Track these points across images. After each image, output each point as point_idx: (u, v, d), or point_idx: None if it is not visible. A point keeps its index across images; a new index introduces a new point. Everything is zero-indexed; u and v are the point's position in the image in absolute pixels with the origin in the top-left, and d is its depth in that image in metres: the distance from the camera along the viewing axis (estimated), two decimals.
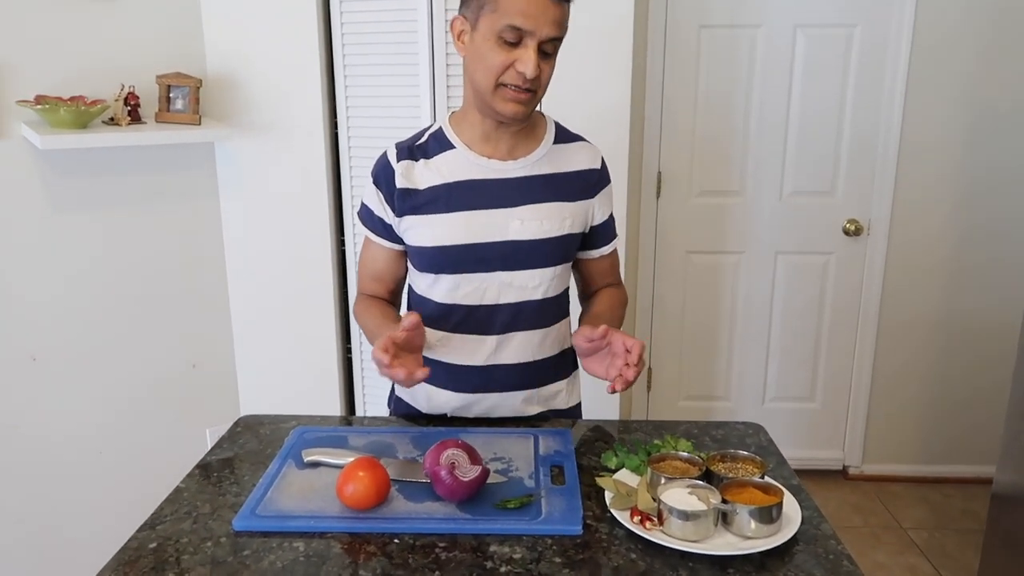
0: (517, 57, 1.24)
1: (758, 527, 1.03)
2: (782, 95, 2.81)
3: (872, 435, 3.07)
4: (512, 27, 1.22)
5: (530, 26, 1.22)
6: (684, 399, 3.13)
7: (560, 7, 1.24)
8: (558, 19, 1.24)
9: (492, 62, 1.25)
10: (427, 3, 2.20)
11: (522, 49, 1.24)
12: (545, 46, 1.25)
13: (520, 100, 1.27)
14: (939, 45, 2.71)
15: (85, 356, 2.29)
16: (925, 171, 2.82)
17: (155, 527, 1.09)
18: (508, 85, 1.26)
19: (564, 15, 1.26)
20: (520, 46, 1.24)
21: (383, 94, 2.34)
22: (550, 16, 1.23)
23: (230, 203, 2.48)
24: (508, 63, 1.24)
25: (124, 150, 2.25)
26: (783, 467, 1.25)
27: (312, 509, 1.11)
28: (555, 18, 1.23)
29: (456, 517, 1.09)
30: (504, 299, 1.38)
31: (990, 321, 2.90)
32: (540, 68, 1.25)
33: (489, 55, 1.25)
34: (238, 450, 1.32)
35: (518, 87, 1.26)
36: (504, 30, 1.23)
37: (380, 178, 1.39)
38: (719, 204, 2.93)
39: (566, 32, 1.28)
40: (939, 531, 2.77)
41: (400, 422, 1.46)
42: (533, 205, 1.36)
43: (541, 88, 1.29)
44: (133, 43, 2.23)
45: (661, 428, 1.39)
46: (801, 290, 2.99)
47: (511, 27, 1.22)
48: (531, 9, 1.21)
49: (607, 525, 1.08)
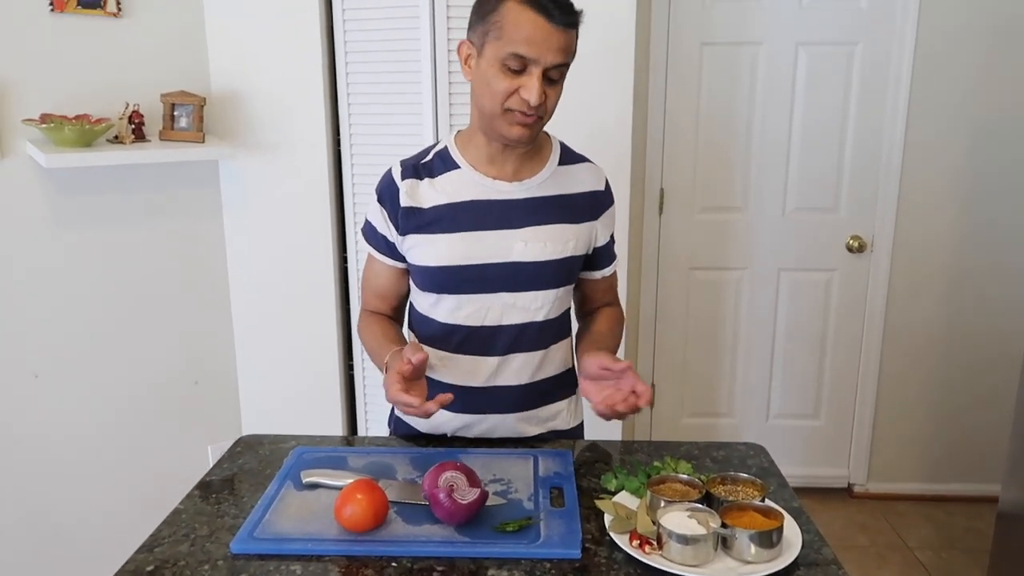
0: (522, 84, 1.24)
1: (758, 551, 1.02)
2: (784, 112, 2.81)
3: (877, 453, 3.05)
4: (516, 55, 1.22)
5: (534, 54, 1.22)
6: (687, 416, 3.11)
7: (564, 34, 1.23)
8: (562, 46, 1.23)
9: (497, 88, 1.25)
10: (430, 22, 2.22)
11: (527, 76, 1.23)
12: (551, 72, 1.24)
13: (525, 125, 1.28)
14: (940, 63, 2.71)
15: (87, 373, 2.29)
16: (928, 188, 2.82)
17: (153, 550, 1.09)
18: (513, 111, 1.26)
19: (569, 42, 1.25)
20: (525, 73, 1.23)
21: (386, 112, 2.35)
22: (554, 44, 1.22)
23: (233, 220, 2.49)
24: (512, 90, 1.24)
25: (128, 168, 2.27)
26: (784, 489, 1.24)
27: (310, 532, 1.10)
28: (559, 45, 1.23)
29: (454, 540, 1.08)
30: (507, 320, 1.38)
31: (994, 339, 2.89)
32: (545, 94, 1.25)
33: (494, 81, 1.25)
34: (237, 470, 1.32)
35: (523, 113, 1.26)
36: (508, 58, 1.22)
37: (384, 196, 1.39)
38: (722, 220, 2.93)
39: (573, 57, 1.28)
40: (945, 551, 2.75)
41: (399, 442, 1.45)
42: (537, 227, 1.36)
43: (547, 113, 1.29)
44: (138, 62, 2.25)
45: (662, 449, 1.38)
46: (804, 307, 2.98)
47: (515, 55, 1.22)
48: (535, 37, 1.21)
49: (606, 548, 1.08)
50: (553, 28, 1.21)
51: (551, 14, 1.21)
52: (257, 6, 2.34)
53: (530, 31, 1.21)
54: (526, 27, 1.21)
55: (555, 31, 1.21)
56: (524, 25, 1.21)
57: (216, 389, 2.57)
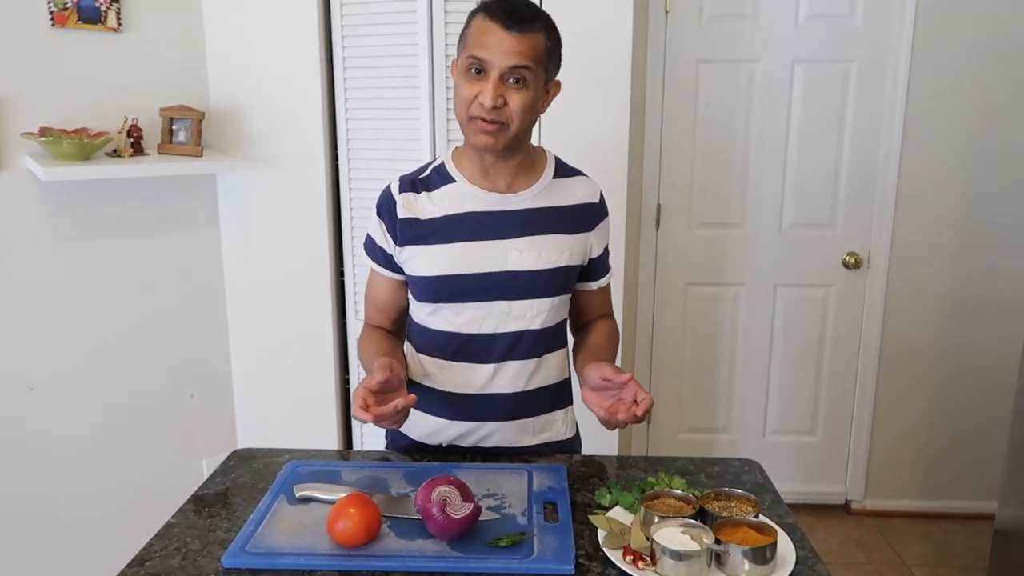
0: (481, 88, 1.28)
1: (752, 568, 1.02)
2: (780, 129, 2.83)
3: (874, 469, 3.04)
4: (473, 57, 1.28)
5: (488, 56, 1.27)
6: (684, 432, 3.11)
7: (520, 38, 1.27)
8: (517, 49, 1.27)
9: (461, 94, 1.31)
10: (427, 38, 2.23)
11: (486, 81, 1.28)
12: (511, 76, 1.28)
13: (487, 131, 1.30)
14: (935, 81, 2.73)
15: (83, 386, 2.29)
16: (924, 204, 2.83)
17: (143, 564, 1.08)
18: (476, 118, 1.30)
19: (527, 46, 1.28)
20: (486, 79, 1.28)
21: (384, 127, 2.36)
22: (506, 47, 1.26)
23: (231, 234, 2.49)
24: (474, 95, 1.29)
25: (126, 182, 2.27)
26: (779, 506, 1.24)
27: (302, 546, 1.10)
28: (513, 48, 1.26)
29: (447, 555, 1.08)
30: (503, 328, 1.39)
31: (991, 354, 2.89)
32: (505, 99, 1.28)
33: (460, 88, 1.31)
34: (230, 484, 1.31)
35: (483, 119, 1.29)
36: (468, 60, 1.29)
37: (383, 209, 1.42)
38: (719, 236, 2.94)
39: (540, 63, 1.30)
40: (943, 568, 2.74)
41: (393, 456, 1.45)
42: (532, 237, 1.38)
43: (513, 120, 1.30)
44: (137, 76, 2.26)
45: (657, 464, 1.38)
46: (801, 323, 2.98)
47: (472, 57, 1.28)
48: (489, 41, 1.27)
49: (599, 564, 1.07)
50: (506, 33, 1.26)
51: (502, 19, 1.26)
52: (257, 22, 2.36)
53: (486, 36, 1.27)
54: (483, 33, 1.28)
55: (507, 35, 1.26)
56: (482, 31, 1.28)
57: (211, 403, 2.56)
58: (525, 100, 1.30)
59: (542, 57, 1.30)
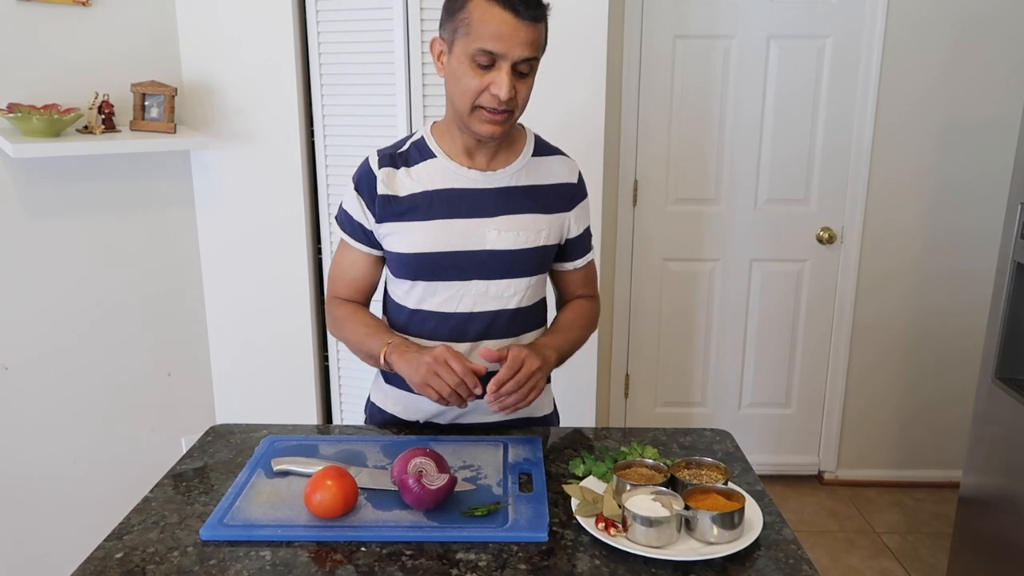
0: (492, 80, 1.25)
1: (720, 532, 1.05)
2: (756, 105, 2.84)
3: (846, 440, 3.11)
4: (484, 51, 1.23)
5: (502, 49, 1.22)
6: (661, 406, 3.15)
7: (531, 28, 1.23)
8: (530, 40, 1.24)
9: (467, 86, 1.26)
10: (403, 13, 2.22)
11: (496, 72, 1.24)
12: (520, 66, 1.25)
13: (496, 121, 1.29)
14: (909, 57, 2.76)
15: (58, 365, 2.28)
16: (896, 180, 2.87)
17: (122, 537, 1.09)
18: (484, 108, 1.27)
19: (537, 35, 1.25)
20: (494, 69, 1.24)
21: (359, 103, 2.35)
22: (521, 38, 1.22)
23: (206, 211, 2.47)
24: (483, 86, 1.25)
25: (99, 158, 2.25)
26: (748, 473, 1.27)
27: (280, 518, 1.11)
28: (527, 39, 1.23)
29: (423, 525, 1.10)
30: (479, 307, 1.40)
31: (960, 327, 2.95)
32: (516, 89, 1.26)
33: (464, 79, 1.26)
34: (208, 459, 1.32)
35: (494, 109, 1.27)
36: (477, 54, 1.23)
37: (361, 184, 1.40)
38: (695, 212, 2.96)
39: (543, 51, 1.29)
40: (911, 535, 2.81)
41: (371, 430, 1.46)
42: (510, 216, 1.38)
43: (518, 108, 1.30)
44: (108, 51, 2.23)
45: (630, 435, 1.41)
46: (776, 297, 3.02)
47: (483, 51, 1.23)
48: (502, 32, 1.21)
49: (573, 532, 1.10)
50: (519, 23, 1.22)
51: (517, 9, 1.21)
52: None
53: (497, 26, 1.21)
54: (493, 23, 1.21)
55: (522, 25, 1.22)
56: (491, 21, 1.21)
57: (189, 380, 2.56)
58: (530, 87, 1.30)
59: (544, 44, 1.29)
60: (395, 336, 1.37)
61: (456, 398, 1.24)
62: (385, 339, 1.35)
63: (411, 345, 1.33)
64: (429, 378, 1.24)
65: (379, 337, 1.36)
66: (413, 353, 1.29)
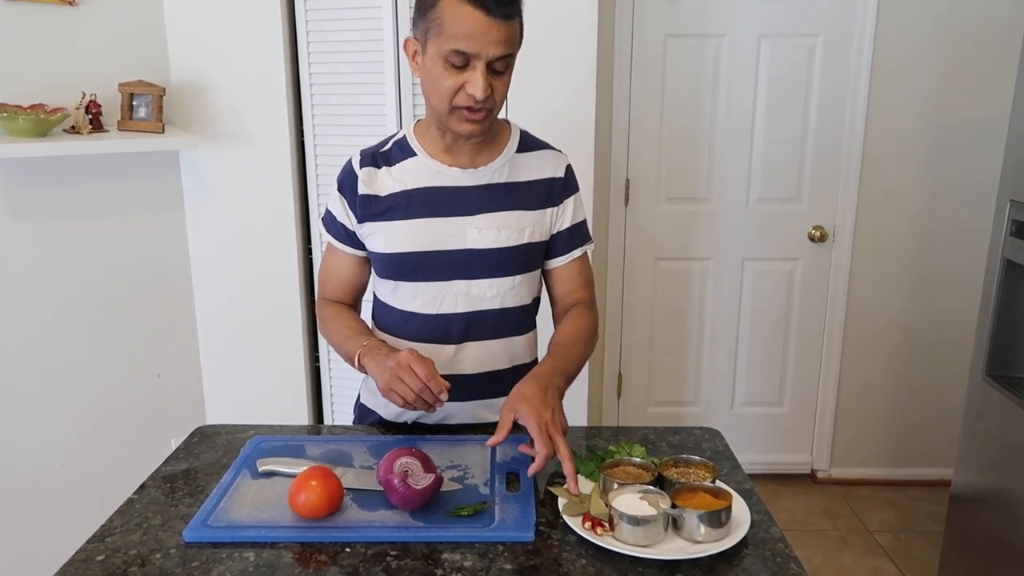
0: (467, 80, 1.23)
1: (707, 531, 1.04)
2: (747, 103, 2.84)
3: (839, 439, 3.11)
4: (457, 51, 1.21)
5: (475, 49, 1.21)
6: (654, 405, 3.14)
7: (505, 25, 1.21)
8: (504, 37, 1.22)
9: (443, 86, 1.24)
10: (392, 12, 2.21)
11: (470, 71, 1.23)
12: (495, 64, 1.23)
13: (475, 120, 1.27)
14: (900, 54, 2.76)
15: (47, 366, 2.26)
16: (888, 178, 2.87)
17: (104, 539, 1.08)
18: (461, 108, 1.26)
19: (511, 32, 1.24)
20: (468, 68, 1.23)
21: (349, 103, 2.34)
22: (494, 36, 1.21)
23: (195, 212, 2.46)
24: (458, 86, 1.24)
25: (86, 159, 2.23)
26: (736, 472, 1.27)
27: (264, 519, 1.10)
28: (500, 37, 1.21)
29: (409, 525, 1.09)
30: (461, 308, 1.38)
31: (951, 325, 2.95)
32: (492, 87, 1.24)
33: (439, 79, 1.24)
34: (194, 461, 1.31)
35: (471, 108, 1.25)
36: (450, 54, 1.22)
37: (344, 184, 1.40)
38: (687, 211, 2.96)
39: (519, 46, 1.28)
40: (904, 533, 2.81)
41: (358, 430, 1.46)
42: (491, 214, 1.37)
43: (496, 105, 1.29)
44: (95, 51, 2.21)
45: (620, 434, 1.40)
46: (768, 296, 3.02)
47: (456, 51, 1.21)
48: (474, 31, 1.19)
49: (559, 531, 1.09)
50: (492, 21, 1.20)
51: (488, 7, 1.19)
52: None
53: (469, 26, 1.19)
54: (464, 22, 1.19)
55: (494, 23, 1.20)
56: (462, 20, 1.19)
57: (179, 382, 2.54)
58: (507, 84, 1.28)
59: (519, 39, 1.28)
60: (371, 339, 1.35)
61: (421, 403, 1.22)
62: (361, 341, 1.33)
63: (383, 348, 1.31)
64: (393, 383, 1.22)
65: (356, 339, 1.35)
66: (382, 356, 1.27)
